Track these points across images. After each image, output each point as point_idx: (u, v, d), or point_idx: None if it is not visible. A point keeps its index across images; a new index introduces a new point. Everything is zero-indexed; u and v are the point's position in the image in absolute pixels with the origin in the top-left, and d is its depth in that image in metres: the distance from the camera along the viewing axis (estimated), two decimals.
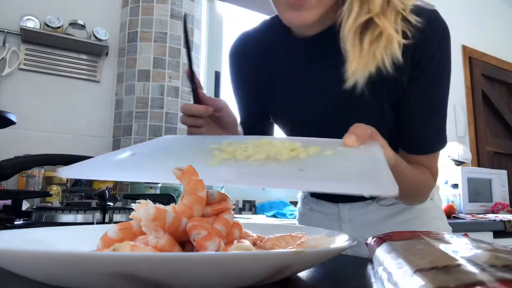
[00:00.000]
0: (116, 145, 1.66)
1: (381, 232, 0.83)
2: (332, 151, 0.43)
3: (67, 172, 0.44)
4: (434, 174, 0.69)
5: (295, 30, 0.69)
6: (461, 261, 0.21)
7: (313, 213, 0.91)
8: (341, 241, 0.39)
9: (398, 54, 0.57)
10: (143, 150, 0.51)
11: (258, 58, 0.77)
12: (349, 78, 0.59)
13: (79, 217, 0.71)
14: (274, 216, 1.81)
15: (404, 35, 0.58)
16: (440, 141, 0.68)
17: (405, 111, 0.66)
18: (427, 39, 0.60)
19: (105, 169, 0.45)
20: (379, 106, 0.65)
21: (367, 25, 0.58)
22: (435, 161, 0.69)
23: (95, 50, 1.68)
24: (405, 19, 0.59)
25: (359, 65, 0.58)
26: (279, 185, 0.37)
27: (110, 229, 0.34)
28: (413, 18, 0.59)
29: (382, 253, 0.30)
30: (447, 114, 0.67)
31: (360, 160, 0.42)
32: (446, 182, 2.30)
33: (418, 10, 0.61)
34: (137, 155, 0.48)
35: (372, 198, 0.81)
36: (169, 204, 0.35)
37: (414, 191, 0.68)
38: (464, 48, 3.02)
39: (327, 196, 0.87)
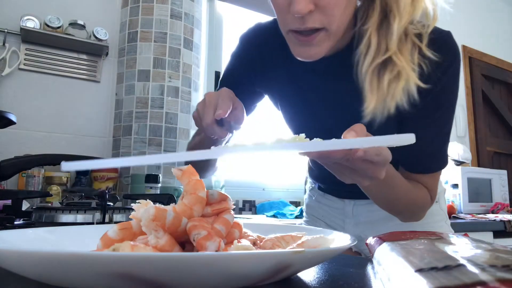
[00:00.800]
0: (116, 145, 1.66)
1: (383, 230, 0.83)
2: None
3: (69, 166, 0.44)
4: (432, 192, 0.68)
5: None
6: (461, 261, 0.21)
7: (319, 205, 0.92)
8: (341, 241, 0.39)
9: (415, 94, 0.57)
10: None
11: (269, 52, 0.74)
12: (367, 116, 0.58)
13: (79, 217, 0.71)
14: (274, 216, 1.81)
15: (420, 67, 0.58)
16: (441, 161, 0.67)
17: (408, 129, 0.63)
18: (437, 62, 0.59)
19: (107, 160, 0.46)
20: (383, 122, 0.63)
21: (385, 63, 0.58)
22: (435, 180, 0.68)
23: (95, 50, 1.68)
24: (421, 52, 0.58)
25: (377, 104, 0.57)
26: (302, 147, 0.37)
27: (110, 229, 0.34)
28: (430, 52, 0.58)
29: (382, 253, 0.30)
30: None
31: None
32: (446, 182, 2.30)
33: (433, 35, 0.59)
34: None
35: None
36: (169, 204, 0.35)
37: (408, 207, 0.66)
38: (464, 48, 3.02)
39: (334, 191, 0.88)
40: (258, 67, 0.76)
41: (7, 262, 0.25)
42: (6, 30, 1.51)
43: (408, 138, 0.33)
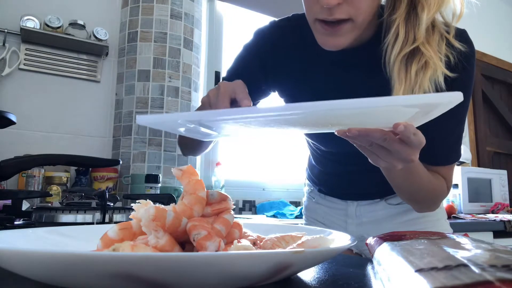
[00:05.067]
0: (116, 145, 1.66)
1: (386, 229, 0.83)
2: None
3: (145, 120, 0.44)
4: (448, 183, 0.70)
5: None
6: (461, 261, 0.21)
7: (319, 206, 0.92)
8: (340, 241, 0.39)
9: (443, 83, 0.58)
10: None
11: (284, 48, 0.74)
12: None
13: (79, 217, 0.71)
14: (274, 216, 1.81)
15: (446, 57, 0.60)
16: (459, 152, 0.69)
17: (427, 124, 0.65)
18: (462, 52, 0.61)
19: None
20: None
21: (413, 52, 0.59)
22: (451, 170, 0.70)
23: (95, 50, 1.68)
24: (448, 43, 0.60)
25: (405, 94, 0.58)
26: (321, 105, 0.36)
27: (110, 229, 0.34)
28: (457, 43, 0.60)
29: (382, 253, 0.30)
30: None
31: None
32: None
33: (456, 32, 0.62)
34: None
35: (380, 196, 0.81)
36: (169, 204, 0.35)
37: (429, 195, 0.67)
38: None
39: (336, 193, 0.87)
40: (271, 61, 0.75)
41: (7, 262, 0.25)
42: (6, 30, 1.51)
43: (456, 96, 0.31)
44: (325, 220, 0.90)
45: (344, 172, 0.82)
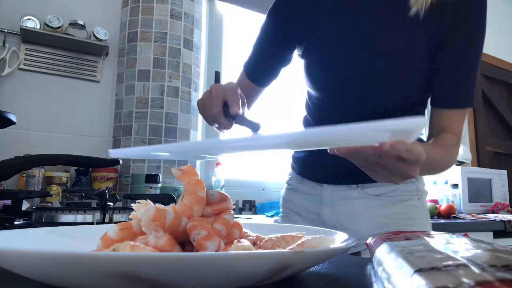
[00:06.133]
0: (116, 145, 1.66)
1: (363, 222, 0.83)
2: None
3: (116, 152, 0.45)
4: (458, 136, 0.72)
5: None
6: (461, 261, 0.21)
7: (295, 195, 0.91)
8: (341, 241, 0.39)
9: None
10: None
11: None
12: (412, 7, 0.67)
13: (79, 217, 0.71)
14: (274, 216, 1.80)
15: None
16: (470, 97, 0.71)
17: (442, 60, 0.70)
18: None
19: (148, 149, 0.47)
20: (419, 49, 0.70)
21: None
22: (461, 121, 0.72)
23: (95, 50, 1.68)
24: None
25: None
26: (306, 132, 0.36)
27: (110, 229, 0.34)
28: None
29: (382, 253, 0.30)
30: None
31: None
32: (446, 182, 2.30)
33: None
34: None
35: (357, 183, 0.81)
36: (169, 204, 0.35)
37: (443, 168, 0.71)
38: None
39: (313, 174, 0.87)
40: (298, 10, 0.80)
41: (8, 262, 0.25)
42: (6, 30, 1.51)
43: (420, 122, 0.29)
44: (300, 210, 0.89)
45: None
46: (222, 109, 0.58)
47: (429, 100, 0.76)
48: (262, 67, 0.86)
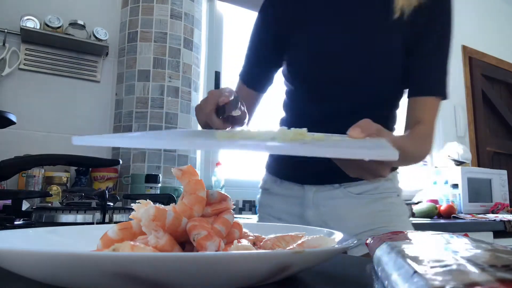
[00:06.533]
0: None
1: (348, 222, 0.83)
2: (338, 137, 0.45)
3: (79, 140, 0.45)
4: (431, 127, 0.75)
5: None
6: (461, 261, 0.21)
7: (272, 198, 0.89)
8: (340, 241, 0.39)
9: None
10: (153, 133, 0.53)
11: None
12: (396, 12, 0.74)
13: (79, 217, 0.71)
14: None
15: None
16: (443, 87, 0.76)
17: (417, 55, 0.76)
18: None
19: (116, 138, 0.49)
20: (396, 47, 0.76)
21: None
22: (435, 111, 0.76)
23: (95, 50, 1.68)
24: None
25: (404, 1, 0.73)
26: (283, 150, 0.38)
27: (110, 229, 0.34)
28: None
29: (382, 253, 0.30)
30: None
31: (365, 141, 0.44)
32: (446, 182, 2.30)
33: None
34: (145, 133, 0.51)
35: (340, 182, 0.81)
36: (169, 204, 0.35)
37: (417, 159, 0.75)
38: (464, 48, 3.02)
39: (292, 176, 0.86)
40: (288, 6, 0.86)
41: (7, 262, 0.25)
42: (6, 30, 1.51)
43: (392, 153, 0.33)
44: (281, 214, 0.86)
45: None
46: (214, 108, 0.59)
47: (405, 95, 0.81)
48: (257, 72, 0.89)
